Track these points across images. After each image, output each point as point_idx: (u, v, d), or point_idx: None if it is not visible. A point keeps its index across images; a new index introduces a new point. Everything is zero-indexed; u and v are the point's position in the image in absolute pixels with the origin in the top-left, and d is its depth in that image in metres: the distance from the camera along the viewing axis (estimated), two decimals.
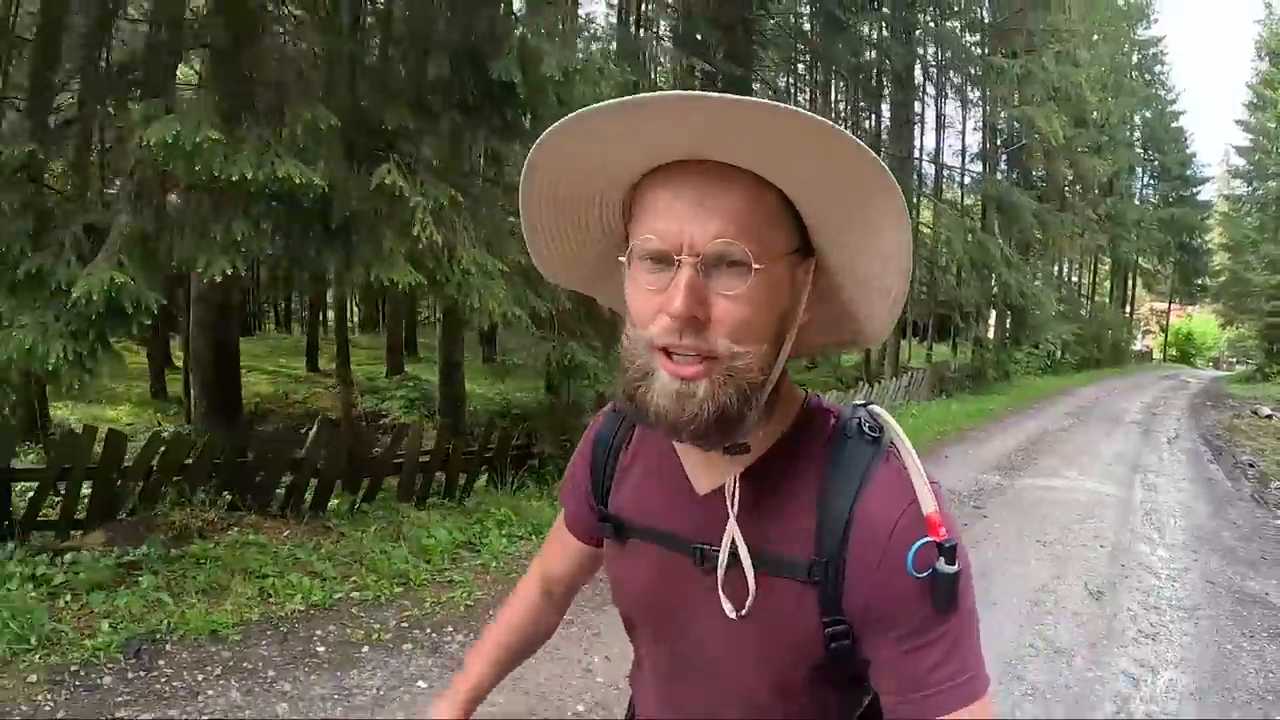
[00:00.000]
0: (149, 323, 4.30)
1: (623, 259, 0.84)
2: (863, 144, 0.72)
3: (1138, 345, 50.06)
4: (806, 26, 19.46)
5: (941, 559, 0.79)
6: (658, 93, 0.70)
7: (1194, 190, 46.93)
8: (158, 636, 4.16)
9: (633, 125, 0.74)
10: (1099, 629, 4.92)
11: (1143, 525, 7.58)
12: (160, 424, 11.82)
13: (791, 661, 0.90)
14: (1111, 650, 4.61)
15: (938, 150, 24.19)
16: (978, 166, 24.72)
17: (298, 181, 4.13)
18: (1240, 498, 9.20)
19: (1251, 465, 11.38)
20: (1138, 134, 42.05)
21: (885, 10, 18.20)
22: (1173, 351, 54.19)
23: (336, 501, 6.27)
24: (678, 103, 0.70)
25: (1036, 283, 20.77)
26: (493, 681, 1.23)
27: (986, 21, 20.31)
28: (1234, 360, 45.64)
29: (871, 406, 0.93)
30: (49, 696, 3.60)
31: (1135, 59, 41.03)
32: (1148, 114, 42.69)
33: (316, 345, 17.69)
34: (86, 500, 5.37)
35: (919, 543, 0.80)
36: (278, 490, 6.07)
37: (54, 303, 4.17)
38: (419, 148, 5.53)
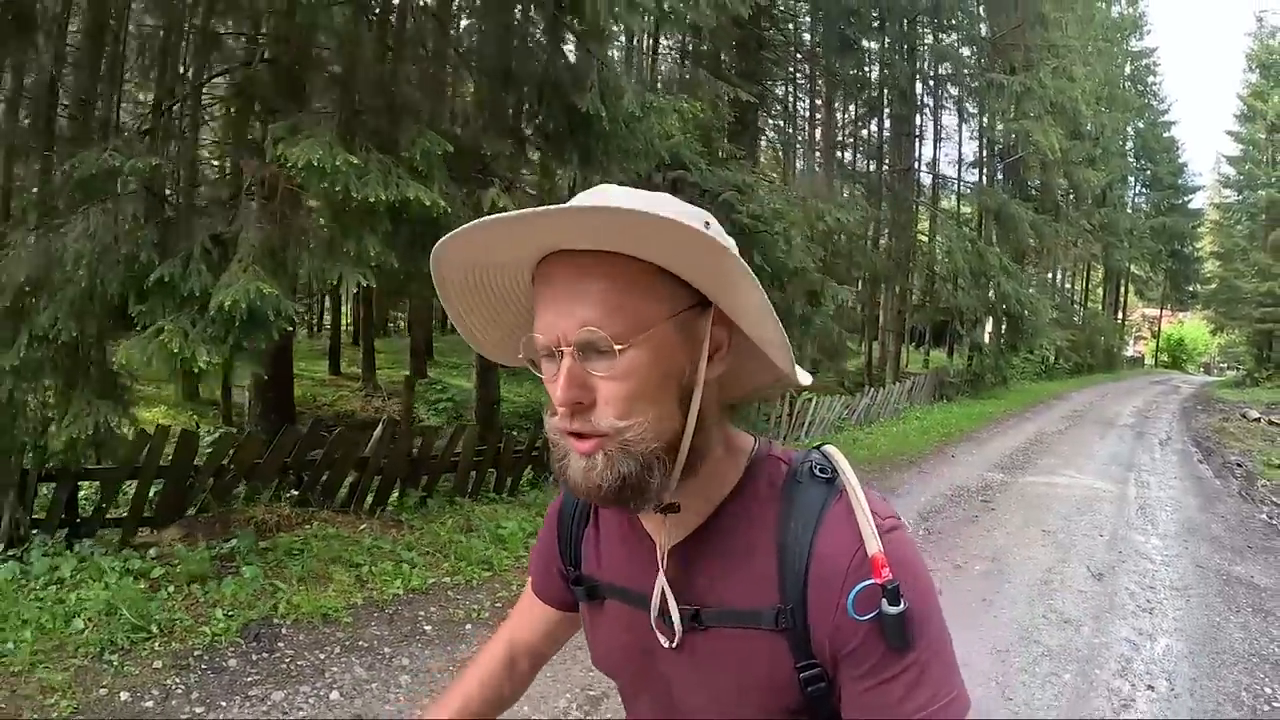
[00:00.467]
0: (290, 329, 4.82)
1: (521, 357, 0.89)
2: (692, 226, 0.76)
3: (1130, 351, 50.53)
4: (806, 37, 19.98)
5: (885, 600, 0.80)
6: (514, 212, 0.75)
7: (1185, 199, 47.70)
8: (273, 621, 4.53)
9: (498, 237, 0.81)
10: (1102, 603, 5.52)
11: (1137, 518, 8.19)
12: (198, 425, 12.32)
13: (771, 710, 0.90)
14: (1114, 621, 5.21)
15: (934, 160, 24.89)
16: (974, 176, 25.44)
17: (426, 204, 4.69)
18: (1228, 494, 9.82)
19: (1239, 465, 11.99)
20: (1130, 144, 42.67)
21: (890, 26, 18.79)
22: (1164, 357, 54.82)
23: (395, 497, 6.74)
24: (525, 221, 0.76)
25: (1031, 290, 21.36)
26: None
27: (985, 36, 20.95)
28: (1224, 366, 45.87)
29: (825, 448, 0.95)
30: (178, 680, 3.87)
31: (1128, 70, 41.68)
32: (1140, 124, 43.32)
33: (339, 349, 18.16)
34: (153, 498, 5.65)
35: (859, 586, 0.82)
36: (341, 489, 6.49)
37: (185, 308, 4.65)
38: (515, 172, 6.07)
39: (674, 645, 0.94)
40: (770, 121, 22.28)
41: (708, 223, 0.84)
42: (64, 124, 6.01)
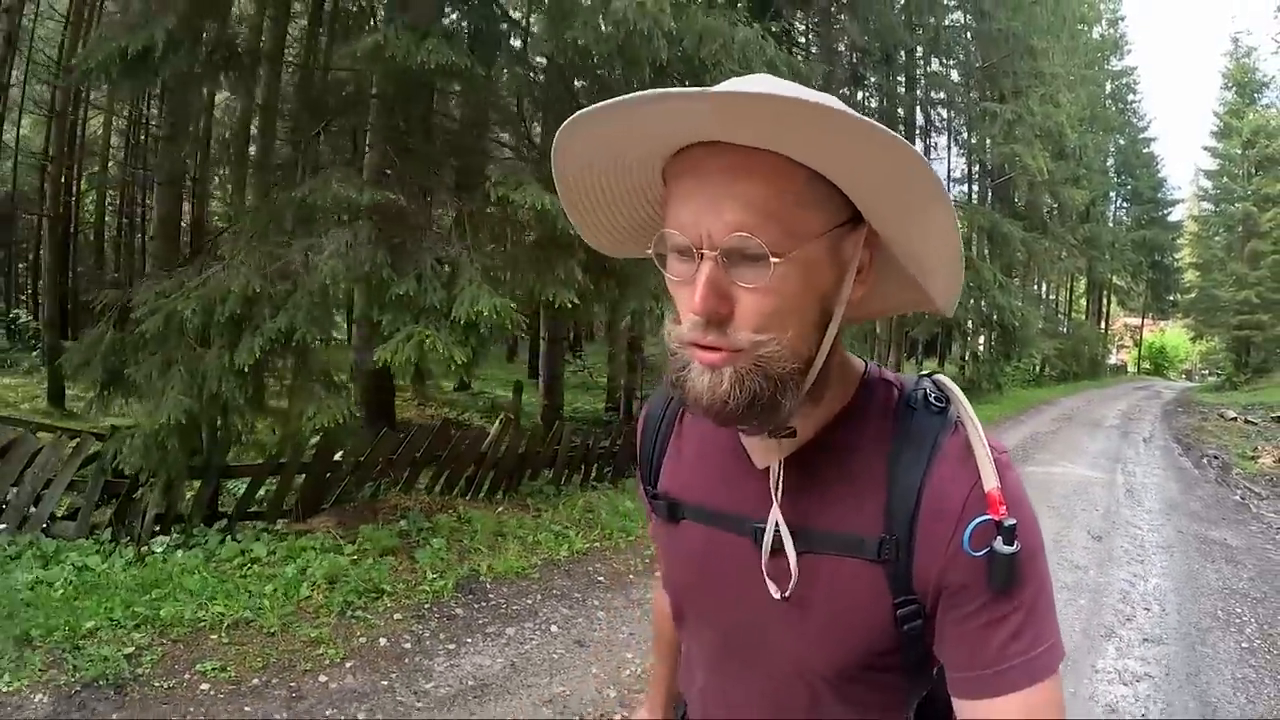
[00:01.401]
0: (524, 335, 6.03)
1: (650, 252, 0.83)
2: (896, 136, 0.67)
3: (1113, 359, 51.79)
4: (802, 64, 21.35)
5: (1000, 538, 0.77)
6: (676, 90, 0.67)
7: (1165, 212, 49.07)
8: (478, 579, 5.49)
9: (649, 116, 0.73)
10: (1102, 556, 6.87)
11: (1126, 498, 9.55)
12: (275, 430, 13.37)
13: (858, 645, 0.86)
14: (1113, 568, 6.55)
15: None
16: (962, 191, 26.86)
17: None
18: (1206, 481, 11.21)
19: (1216, 457, 13.36)
20: (1112, 161, 44.10)
21: (893, 60, 20.23)
22: (1146, 365, 56.28)
23: (503, 486, 7.75)
24: (687, 98, 0.68)
25: (1017, 303, 22.56)
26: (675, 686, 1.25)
27: (977, 64, 22.40)
28: (1205, 371, 47.03)
29: (937, 376, 0.92)
30: (420, 626, 4.65)
31: (1109, 89, 43.04)
32: (1121, 141, 44.84)
33: None
34: (296, 491, 6.30)
35: (975, 521, 0.79)
36: (462, 479, 7.52)
37: (423, 318, 5.68)
38: None
39: (785, 596, 0.88)
40: None
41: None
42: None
